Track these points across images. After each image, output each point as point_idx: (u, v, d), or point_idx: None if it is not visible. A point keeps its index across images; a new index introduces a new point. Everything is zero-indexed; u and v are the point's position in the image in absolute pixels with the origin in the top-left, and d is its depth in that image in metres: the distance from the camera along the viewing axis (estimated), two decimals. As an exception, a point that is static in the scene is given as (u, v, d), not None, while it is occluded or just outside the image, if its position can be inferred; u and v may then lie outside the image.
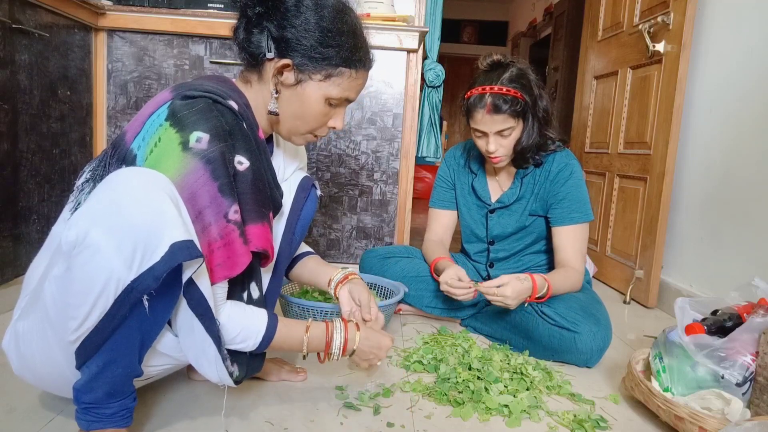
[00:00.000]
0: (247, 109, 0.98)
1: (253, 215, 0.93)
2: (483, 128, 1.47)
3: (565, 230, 1.54)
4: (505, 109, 1.42)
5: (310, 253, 1.32)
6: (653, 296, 2.05)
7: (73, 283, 0.76)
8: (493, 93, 1.42)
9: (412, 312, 1.77)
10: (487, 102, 1.43)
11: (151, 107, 0.90)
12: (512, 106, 1.43)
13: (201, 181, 0.84)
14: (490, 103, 1.42)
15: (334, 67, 0.98)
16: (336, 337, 1.04)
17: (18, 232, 1.59)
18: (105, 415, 0.86)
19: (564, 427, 1.10)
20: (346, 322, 1.08)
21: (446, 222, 1.77)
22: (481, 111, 1.44)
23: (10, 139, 1.53)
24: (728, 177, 1.81)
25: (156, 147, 0.85)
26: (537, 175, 1.59)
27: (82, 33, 1.93)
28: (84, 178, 0.91)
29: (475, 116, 1.47)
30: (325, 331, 1.04)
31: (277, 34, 0.95)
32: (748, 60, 1.75)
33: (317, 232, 2.21)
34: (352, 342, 1.06)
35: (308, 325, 1.03)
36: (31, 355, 0.88)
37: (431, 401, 1.18)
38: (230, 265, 0.87)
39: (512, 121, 1.45)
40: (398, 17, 2.13)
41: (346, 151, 2.17)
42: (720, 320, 1.16)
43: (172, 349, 0.92)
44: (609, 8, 2.48)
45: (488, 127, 1.46)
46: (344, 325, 1.07)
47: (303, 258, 1.29)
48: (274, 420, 1.06)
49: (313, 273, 1.27)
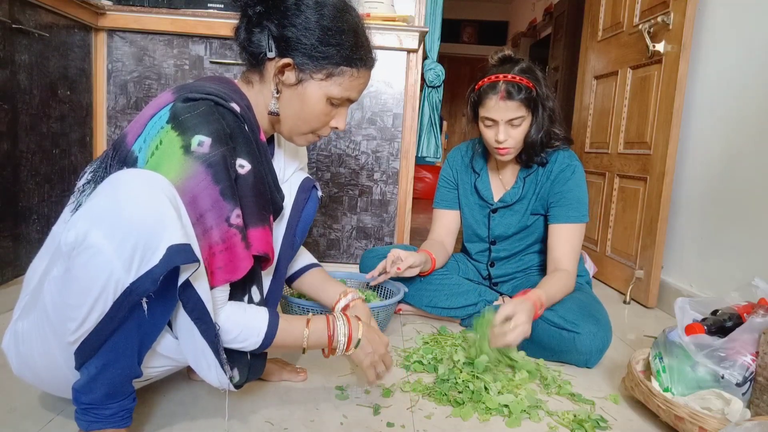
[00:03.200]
0: (248, 110, 0.98)
1: (255, 219, 0.92)
2: (495, 116, 1.48)
3: (560, 228, 1.54)
4: (518, 96, 1.45)
5: (315, 265, 1.30)
6: (653, 296, 2.05)
7: (73, 284, 0.76)
8: (507, 81, 1.46)
9: (412, 312, 1.77)
10: (501, 89, 1.45)
11: (152, 109, 0.90)
12: (525, 94, 1.46)
13: (202, 185, 0.84)
14: (503, 90, 1.45)
15: (335, 66, 0.97)
16: (339, 326, 1.03)
17: (18, 232, 1.59)
18: (104, 415, 0.86)
19: (564, 427, 1.10)
20: (347, 315, 1.07)
21: (449, 222, 1.77)
22: (494, 98, 1.46)
23: (10, 139, 1.53)
24: (728, 177, 1.81)
25: (157, 150, 0.85)
26: (539, 175, 1.60)
27: (82, 33, 1.93)
28: (85, 179, 0.91)
29: (487, 104, 1.48)
30: (326, 325, 1.02)
31: (278, 33, 0.95)
32: (748, 60, 1.75)
33: (317, 232, 2.21)
34: (356, 330, 1.04)
35: (309, 319, 1.02)
36: (31, 356, 0.88)
37: (431, 401, 1.18)
38: (231, 268, 0.87)
39: (524, 110, 1.47)
40: (398, 17, 2.13)
41: (346, 151, 2.17)
42: (720, 320, 1.16)
43: (172, 351, 0.91)
44: (609, 8, 2.48)
45: (500, 114, 1.47)
46: (346, 317, 1.06)
47: (307, 271, 1.28)
48: (274, 420, 1.06)
49: (317, 290, 1.26)
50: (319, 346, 1.03)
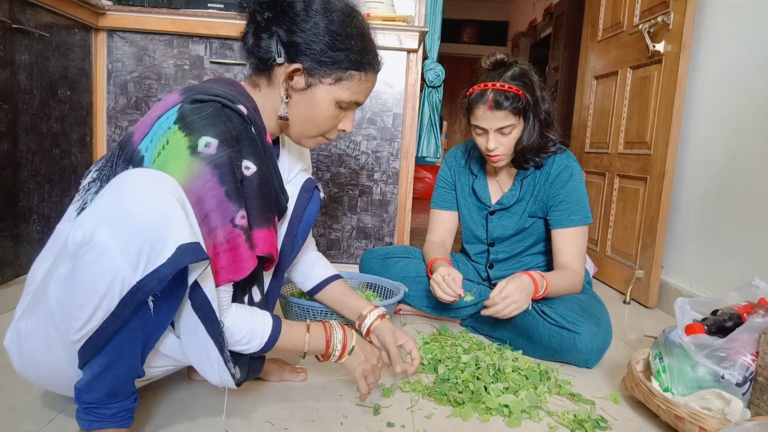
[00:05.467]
0: (255, 113, 0.98)
1: (259, 220, 0.93)
2: (483, 125, 1.46)
3: (564, 233, 1.53)
4: (506, 105, 1.42)
5: (336, 276, 1.31)
6: (653, 296, 2.05)
7: (79, 283, 0.76)
8: (495, 89, 1.43)
9: (412, 312, 1.77)
10: (489, 98, 1.43)
11: (159, 109, 0.90)
12: (513, 103, 1.43)
13: (208, 186, 0.84)
14: (491, 99, 1.43)
15: (343, 71, 0.98)
16: (335, 334, 1.05)
17: (18, 232, 1.59)
18: (106, 415, 0.87)
19: (564, 427, 1.10)
20: (341, 324, 1.09)
21: (447, 223, 1.77)
22: (482, 107, 1.44)
23: (10, 139, 1.53)
24: (728, 177, 1.81)
25: (164, 150, 0.86)
26: (537, 177, 1.59)
27: (82, 33, 1.93)
28: (90, 178, 0.92)
29: (476, 112, 1.47)
30: (323, 331, 1.05)
31: (287, 38, 0.95)
32: (748, 60, 1.75)
33: (317, 232, 2.21)
34: (350, 338, 1.07)
35: (308, 325, 1.04)
36: (33, 354, 0.88)
37: (431, 401, 1.18)
38: (235, 269, 0.88)
39: (513, 118, 1.45)
40: (398, 17, 2.13)
41: (346, 151, 2.17)
42: (720, 320, 1.16)
43: (174, 351, 0.92)
44: (609, 8, 2.48)
45: (489, 123, 1.45)
46: (341, 325, 1.08)
47: (330, 283, 1.29)
48: (274, 420, 1.06)
49: (339, 306, 1.28)
50: (318, 351, 1.05)
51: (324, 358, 1.07)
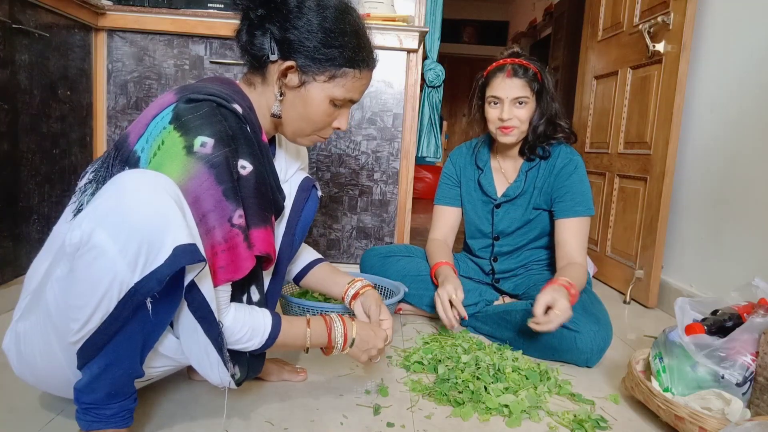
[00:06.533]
0: (250, 112, 0.98)
1: (256, 219, 0.93)
2: (500, 93, 1.55)
3: (568, 223, 1.56)
4: (523, 75, 1.54)
5: (321, 260, 1.31)
6: (653, 296, 2.05)
7: (77, 284, 0.76)
8: (514, 63, 1.55)
9: (412, 312, 1.77)
10: (508, 68, 1.55)
11: (154, 109, 0.90)
12: (531, 75, 1.54)
13: (205, 186, 0.84)
14: (510, 69, 1.54)
15: (337, 68, 0.98)
16: (335, 327, 1.06)
17: (18, 232, 1.59)
18: (105, 415, 0.87)
19: (564, 427, 1.10)
20: (341, 316, 1.09)
21: (451, 219, 1.79)
22: (500, 76, 1.55)
23: (10, 139, 1.53)
24: (728, 177, 1.81)
25: (159, 150, 0.85)
26: (542, 168, 1.63)
27: (82, 33, 1.93)
28: (87, 179, 0.91)
29: (493, 83, 1.56)
30: (324, 324, 1.05)
31: (280, 36, 0.95)
32: (748, 60, 1.75)
33: (317, 232, 2.21)
34: (351, 329, 1.07)
35: (308, 319, 1.04)
36: (32, 356, 0.88)
37: (431, 401, 1.18)
38: (233, 268, 0.88)
39: (528, 91, 1.54)
40: (398, 17, 2.13)
41: (346, 151, 2.17)
42: (720, 320, 1.16)
43: (173, 351, 0.92)
44: (609, 8, 2.48)
45: (506, 92, 1.54)
46: (340, 317, 1.08)
47: (314, 266, 1.29)
48: (275, 420, 1.06)
49: (325, 283, 1.28)
50: (320, 344, 1.06)
51: (328, 351, 1.08)
